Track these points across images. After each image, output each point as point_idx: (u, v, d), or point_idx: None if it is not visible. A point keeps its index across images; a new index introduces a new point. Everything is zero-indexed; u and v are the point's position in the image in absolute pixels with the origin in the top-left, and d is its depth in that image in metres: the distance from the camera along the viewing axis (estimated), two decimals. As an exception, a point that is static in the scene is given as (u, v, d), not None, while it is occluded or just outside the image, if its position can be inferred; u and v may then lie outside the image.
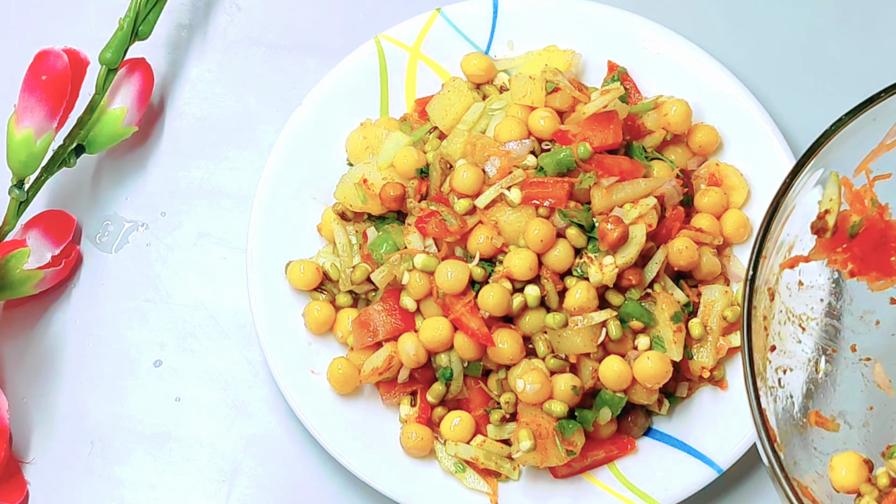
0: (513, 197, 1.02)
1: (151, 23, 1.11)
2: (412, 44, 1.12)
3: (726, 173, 1.08)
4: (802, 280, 0.97)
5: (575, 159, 1.03)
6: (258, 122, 1.15)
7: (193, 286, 1.12)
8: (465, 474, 1.04)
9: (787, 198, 0.92)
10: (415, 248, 1.03)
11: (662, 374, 1.01)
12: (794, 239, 0.95)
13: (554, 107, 1.06)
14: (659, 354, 1.01)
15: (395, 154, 1.07)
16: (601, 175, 1.03)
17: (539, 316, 1.02)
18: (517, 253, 1.01)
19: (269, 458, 1.08)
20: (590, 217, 1.02)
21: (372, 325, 1.04)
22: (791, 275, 0.96)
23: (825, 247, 0.97)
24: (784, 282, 0.96)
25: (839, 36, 1.15)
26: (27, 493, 1.07)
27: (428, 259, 1.02)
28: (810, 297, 0.98)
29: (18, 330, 1.11)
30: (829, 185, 0.95)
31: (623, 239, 1.01)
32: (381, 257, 1.04)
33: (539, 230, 1.01)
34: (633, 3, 1.13)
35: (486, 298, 1.01)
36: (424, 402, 1.04)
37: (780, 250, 0.94)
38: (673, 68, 1.10)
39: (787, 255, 0.95)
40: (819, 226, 0.96)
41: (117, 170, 1.14)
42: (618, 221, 1.01)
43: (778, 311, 0.95)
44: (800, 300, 0.97)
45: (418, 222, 1.03)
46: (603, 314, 1.01)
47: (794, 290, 0.96)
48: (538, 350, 1.02)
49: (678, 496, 1.03)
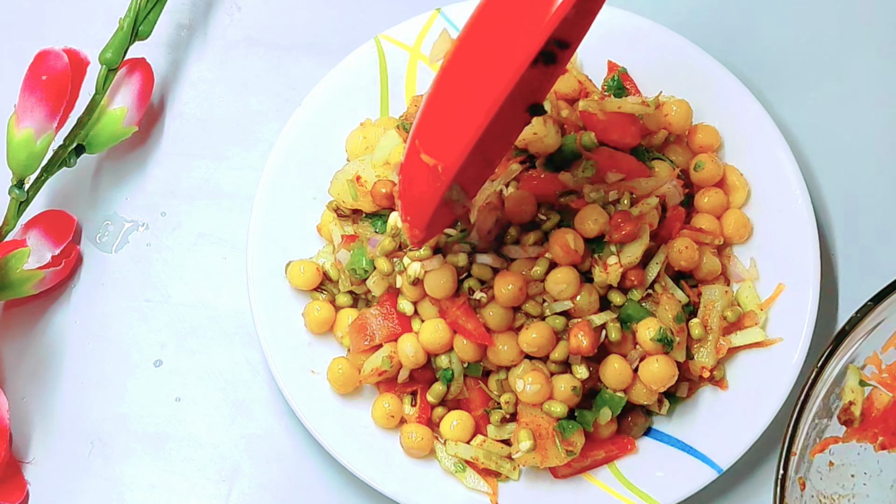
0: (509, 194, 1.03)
1: (151, 23, 1.11)
2: (412, 44, 1.12)
3: (726, 173, 1.09)
4: (833, 460, 0.98)
5: (578, 147, 1.03)
6: (258, 122, 1.15)
7: (193, 286, 1.12)
8: (465, 474, 1.04)
9: (814, 392, 0.94)
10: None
11: (669, 377, 1.01)
12: (824, 425, 0.97)
13: (561, 92, 1.06)
14: (666, 358, 1.01)
15: (390, 151, 1.07)
16: (608, 169, 1.03)
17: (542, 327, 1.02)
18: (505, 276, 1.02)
19: (269, 458, 1.08)
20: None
21: (369, 329, 1.04)
22: (822, 458, 0.97)
23: (855, 433, 0.99)
24: (815, 467, 0.97)
25: (839, 36, 1.15)
26: (27, 493, 1.07)
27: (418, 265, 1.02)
28: (841, 475, 0.99)
29: (18, 330, 1.11)
30: (850, 378, 0.97)
31: (633, 235, 1.01)
32: (363, 273, 1.04)
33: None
34: (633, 3, 1.13)
35: (488, 315, 1.01)
36: (424, 402, 1.04)
37: (809, 437, 0.95)
38: (673, 68, 1.10)
39: (817, 440, 0.96)
40: (846, 417, 0.98)
41: (117, 170, 1.14)
42: (627, 216, 1.01)
43: (809, 496, 0.96)
44: (831, 480, 0.98)
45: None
46: (603, 316, 1.01)
47: (824, 472, 0.98)
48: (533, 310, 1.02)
49: (678, 496, 1.03)
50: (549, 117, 1.03)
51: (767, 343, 1.05)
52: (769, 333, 1.05)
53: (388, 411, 1.04)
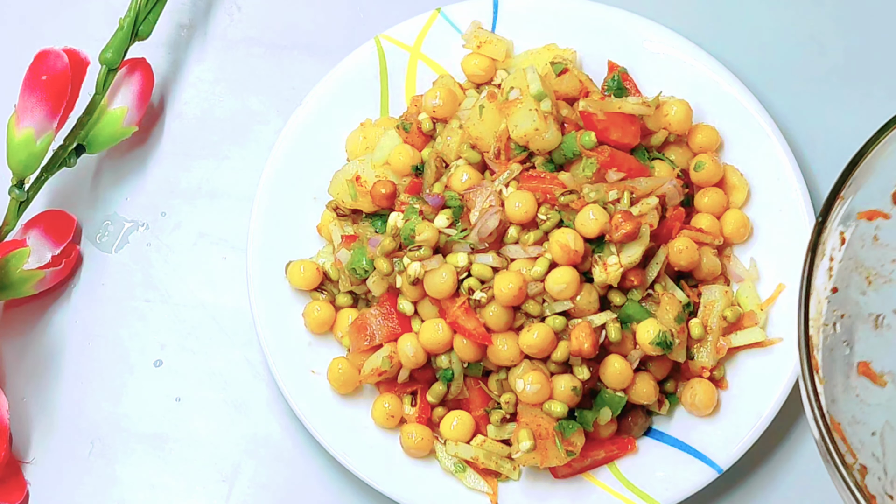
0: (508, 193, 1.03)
1: (151, 23, 1.11)
2: (412, 44, 1.12)
3: (726, 173, 1.09)
4: (878, 236, 0.95)
5: (579, 146, 1.03)
6: (258, 122, 1.15)
7: (193, 286, 1.12)
8: (465, 474, 1.04)
9: (881, 144, 0.91)
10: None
11: (711, 402, 1.04)
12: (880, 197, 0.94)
13: (562, 91, 1.06)
14: (707, 384, 1.03)
15: (390, 151, 1.07)
16: (609, 167, 1.03)
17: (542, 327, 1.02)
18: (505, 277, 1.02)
19: (269, 458, 1.08)
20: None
21: (369, 329, 1.04)
22: (867, 227, 0.94)
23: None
24: (859, 231, 0.94)
25: (839, 36, 1.15)
26: (27, 493, 1.07)
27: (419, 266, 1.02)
28: (883, 255, 0.96)
29: (18, 330, 1.11)
30: None
31: (634, 235, 1.01)
32: (363, 273, 1.04)
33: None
34: (633, 3, 1.13)
35: (489, 315, 1.01)
36: (424, 402, 1.04)
37: (857, 197, 0.93)
38: (673, 68, 1.10)
39: (864, 208, 0.94)
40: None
41: (117, 170, 1.14)
42: (628, 216, 1.01)
43: (847, 257, 0.93)
44: (871, 255, 0.95)
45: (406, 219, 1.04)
46: (603, 316, 1.01)
47: (867, 242, 0.95)
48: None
49: (678, 496, 1.03)
50: (549, 114, 1.03)
51: (767, 343, 1.05)
52: (769, 333, 1.05)
53: (388, 411, 1.04)
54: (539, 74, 1.05)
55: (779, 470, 1.06)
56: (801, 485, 1.06)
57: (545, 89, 1.04)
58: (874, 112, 1.13)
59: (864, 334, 0.95)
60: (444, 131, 1.07)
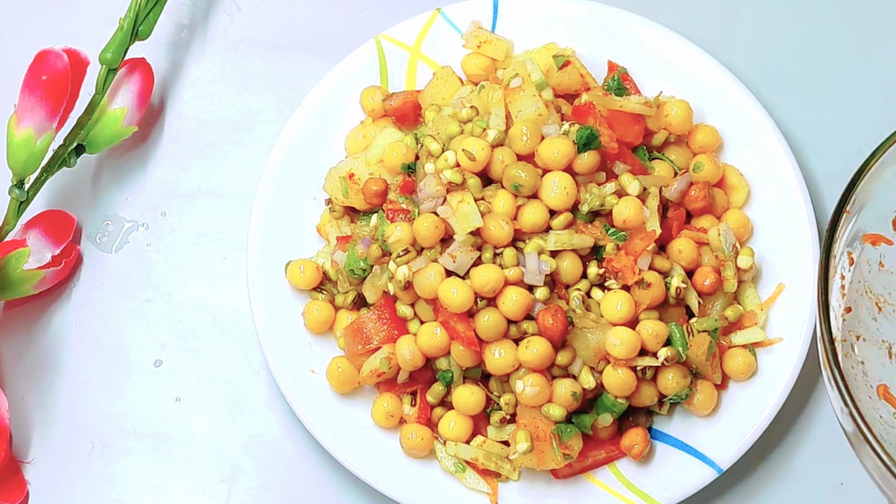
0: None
1: (151, 23, 1.11)
2: (412, 44, 1.12)
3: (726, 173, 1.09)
4: (884, 262, 0.96)
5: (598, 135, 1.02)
6: (258, 122, 1.15)
7: (193, 286, 1.12)
8: (464, 474, 1.04)
9: (883, 158, 0.92)
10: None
11: (683, 386, 1.02)
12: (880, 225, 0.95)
13: (563, 86, 1.06)
14: (682, 370, 1.02)
15: (384, 149, 1.06)
16: (617, 158, 1.03)
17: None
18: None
19: (269, 458, 1.08)
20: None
21: (365, 332, 1.04)
22: (872, 252, 0.95)
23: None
24: (865, 255, 0.94)
25: (839, 36, 1.15)
26: (27, 493, 1.07)
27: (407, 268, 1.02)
28: (889, 282, 0.97)
29: (18, 330, 1.11)
30: None
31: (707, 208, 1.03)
32: (361, 272, 1.04)
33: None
34: (633, 3, 1.13)
35: (482, 321, 1.01)
36: (424, 402, 1.04)
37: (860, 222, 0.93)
38: (673, 68, 1.10)
39: (869, 230, 0.94)
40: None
41: (117, 170, 1.14)
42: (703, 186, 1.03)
43: (856, 280, 0.94)
44: (879, 281, 0.96)
45: (388, 217, 1.03)
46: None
47: (874, 267, 0.95)
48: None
49: (678, 496, 1.03)
50: (550, 103, 1.04)
51: (767, 343, 1.05)
52: (769, 333, 1.05)
53: (388, 411, 1.04)
54: (541, 70, 1.05)
55: (779, 470, 1.06)
56: (801, 485, 1.06)
57: (547, 81, 1.04)
58: (874, 112, 1.13)
59: (879, 359, 0.96)
60: (435, 118, 1.06)
